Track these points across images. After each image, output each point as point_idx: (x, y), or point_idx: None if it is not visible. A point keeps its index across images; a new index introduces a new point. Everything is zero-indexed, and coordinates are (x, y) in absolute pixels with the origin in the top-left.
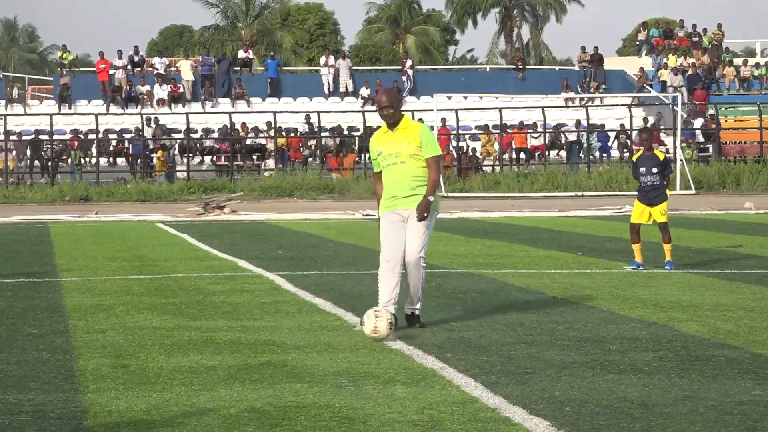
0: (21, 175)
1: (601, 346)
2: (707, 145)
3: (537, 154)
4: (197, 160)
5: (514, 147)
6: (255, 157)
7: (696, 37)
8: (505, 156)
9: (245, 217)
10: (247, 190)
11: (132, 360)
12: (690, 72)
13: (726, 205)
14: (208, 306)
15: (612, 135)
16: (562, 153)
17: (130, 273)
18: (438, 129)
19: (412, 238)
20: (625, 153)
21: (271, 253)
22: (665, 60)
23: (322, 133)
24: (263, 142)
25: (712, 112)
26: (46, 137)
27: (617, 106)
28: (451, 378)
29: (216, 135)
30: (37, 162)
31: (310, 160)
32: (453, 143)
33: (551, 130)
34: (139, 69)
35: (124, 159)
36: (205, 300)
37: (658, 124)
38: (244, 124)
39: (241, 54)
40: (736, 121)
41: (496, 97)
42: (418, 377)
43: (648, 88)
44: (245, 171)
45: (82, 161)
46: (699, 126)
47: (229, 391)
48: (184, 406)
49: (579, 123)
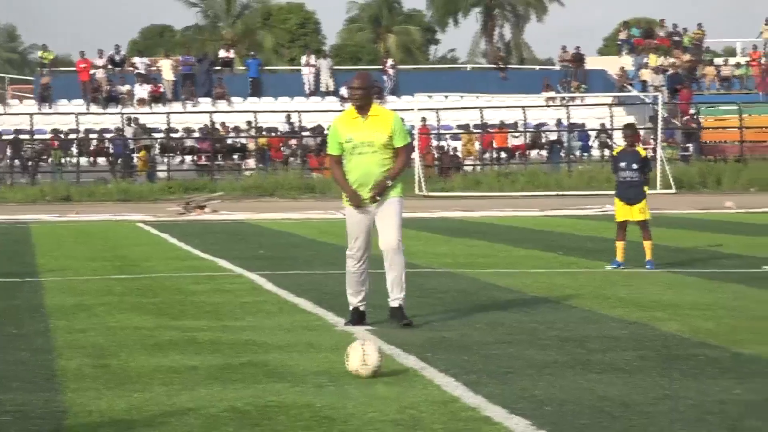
0: (1, 175)
1: (581, 346)
2: (688, 145)
3: (518, 154)
4: (178, 159)
5: (494, 146)
6: (236, 156)
7: (677, 37)
8: (486, 155)
9: (226, 217)
10: (228, 189)
11: (113, 360)
12: (671, 71)
13: (707, 205)
14: (188, 306)
15: (593, 134)
16: (542, 152)
17: (111, 273)
18: (419, 128)
19: (387, 227)
20: (606, 152)
21: (252, 252)
22: (646, 60)
23: (302, 133)
24: (244, 141)
25: (692, 111)
26: (27, 137)
27: (598, 105)
28: (431, 377)
29: (197, 135)
30: (17, 161)
31: (291, 159)
32: (434, 143)
33: (532, 130)
34: (119, 69)
35: (104, 159)
36: (186, 300)
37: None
38: (223, 124)
39: (222, 53)
40: (716, 120)
41: (477, 97)
42: (398, 377)
43: (629, 87)
44: (226, 171)
45: (63, 161)
46: (681, 125)
47: (209, 390)
48: (164, 406)
49: (560, 122)
